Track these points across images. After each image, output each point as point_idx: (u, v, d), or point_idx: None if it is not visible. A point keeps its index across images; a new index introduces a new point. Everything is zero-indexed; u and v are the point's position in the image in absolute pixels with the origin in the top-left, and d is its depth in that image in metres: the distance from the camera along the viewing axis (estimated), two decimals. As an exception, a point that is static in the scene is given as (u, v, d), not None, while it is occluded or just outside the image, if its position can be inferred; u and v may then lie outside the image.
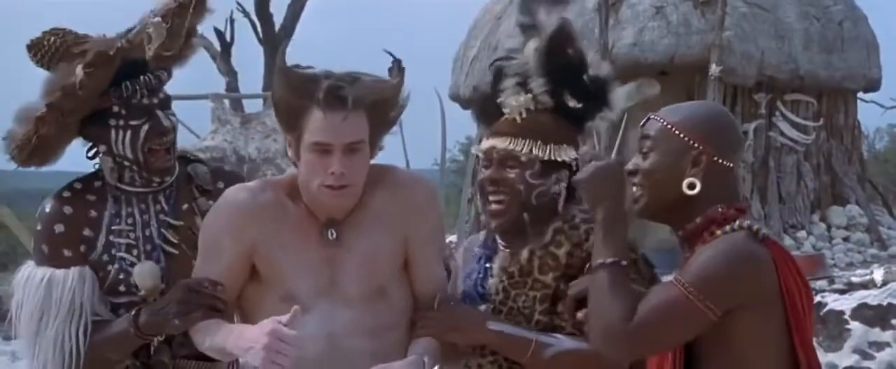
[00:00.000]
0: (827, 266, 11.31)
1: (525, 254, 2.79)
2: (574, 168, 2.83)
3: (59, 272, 2.94)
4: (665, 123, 2.52)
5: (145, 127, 2.96)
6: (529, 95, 2.83)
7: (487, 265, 2.88)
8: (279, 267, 2.73)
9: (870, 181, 14.48)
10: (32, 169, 3.10)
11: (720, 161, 2.49)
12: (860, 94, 14.05)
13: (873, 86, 13.85)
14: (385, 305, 2.81)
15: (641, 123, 2.58)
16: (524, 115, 2.82)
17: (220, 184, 3.06)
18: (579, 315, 2.63)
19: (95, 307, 2.94)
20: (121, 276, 2.95)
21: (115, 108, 2.95)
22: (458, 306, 2.85)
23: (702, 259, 2.42)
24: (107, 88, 2.93)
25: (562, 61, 2.82)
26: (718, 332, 2.43)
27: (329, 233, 2.78)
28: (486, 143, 2.85)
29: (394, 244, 2.83)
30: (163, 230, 3.00)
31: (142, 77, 2.95)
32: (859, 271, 11.02)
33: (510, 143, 2.81)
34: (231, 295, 2.77)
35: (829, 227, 13.20)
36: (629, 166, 2.57)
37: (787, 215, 13.08)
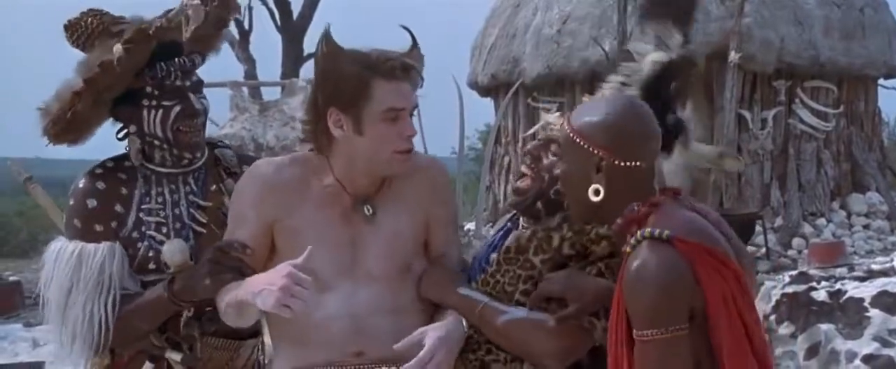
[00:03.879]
0: (846, 253, 11.27)
1: (527, 233, 2.80)
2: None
3: (90, 246, 2.98)
4: (568, 130, 2.52)
5: (177, 108, 3.02)
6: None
7: (502, 241, 2.89)
8: (301, 243, 2.73)
9: (890, 168, 14.42)
10: (62, 156, 3.15)
11: (622, 163, 2.46)
12: (881, 81, 14.00)
13: (894, 72, 13.78)
14: (409, 283, 2.84)
15: (558, 124, 2.61)
16: None
17: (245, 168, 3.08)
18: (551, 322, 2.66)
19: (125, 281, 2.98)
20: (150, 254, 2.99)
21: (149, 89, 3.01)
22: (439, 267, 2.87)
23: (633, 299, 2.37)
24: (141, 69, 2.99)
25: (663, 89, 2.80)
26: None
27: (366, 209, 2.82)
28: (551, 117, 2.87)
29: (416, 223, 2.87)
30: (192, 210, 3.05)
31: (176, 59, 3.01)
32: (879, 258, 10.95)
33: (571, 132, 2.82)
34: (256, 266, 2.79)
35: (849, 215, 13.16)
36: (556, 174, 2.63)
37: (807, 203, 13.04)
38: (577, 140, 2.49)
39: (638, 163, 2.48)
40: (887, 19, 13.76)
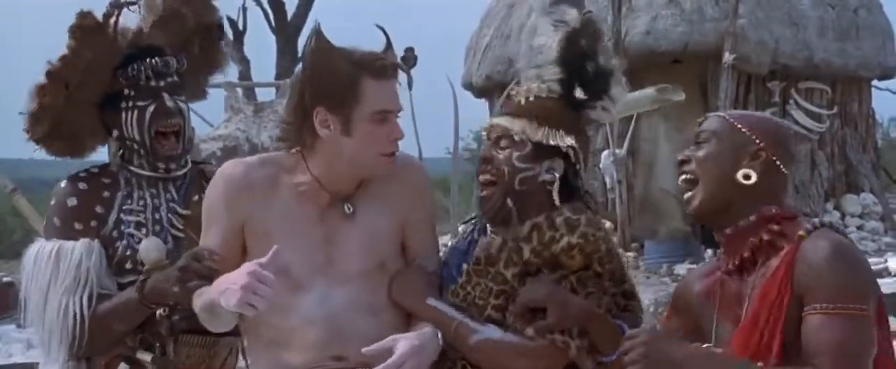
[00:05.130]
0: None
1: (497, 242, 2.77)
2: (572, 158, 2.81)
3: (68, 243, 3.00)
4: (728, 119, 2.55)
5: (151, 108, 3.02)
6: (539, 82, 2.84)
7: (471, 249, 2.86)
8: (272, 242, 2.72)
9: (884, 169, 14.44)
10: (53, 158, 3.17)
11: (778, 163, 2.51)
12: (875, 82, 14.01)
13: (888, 74, 13.80)
14: (384, 280, 2.81)
15: (700, 120, 2.60)
16: (531, 99, 2.83)
17: None
18: (529, 331, 2.65)
19: (102, 280, 2.98)
20: (128, 253, 3.01)
21: (126, 91, 3.01)
22: (413, 273, 2.85)
23: (826, 274, 2.36)
24: (116, 70, 3.00)
25: (575, 52, 2.83)
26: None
27: (346, 207, 2.80)
28: (488, 123, 2.87)
29: (394, 223, 2.85)
30: (171, 216, 3.07)
31: (149, 59, 3.01)
32: (873, 259, 10.98)
33: (507, 122, 2.82)
34: (227, 268, 2.75)
35: (843, 216, 13.17)
36: (681, 156, 2.58)
37: (801, 203, 13.04)
38: (741, 127, 2.53)
39: (785, 170, 2.53)
40: (881, 21, 13.77)
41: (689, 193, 2.54)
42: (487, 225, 2.86)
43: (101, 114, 3.06)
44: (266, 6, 23.77)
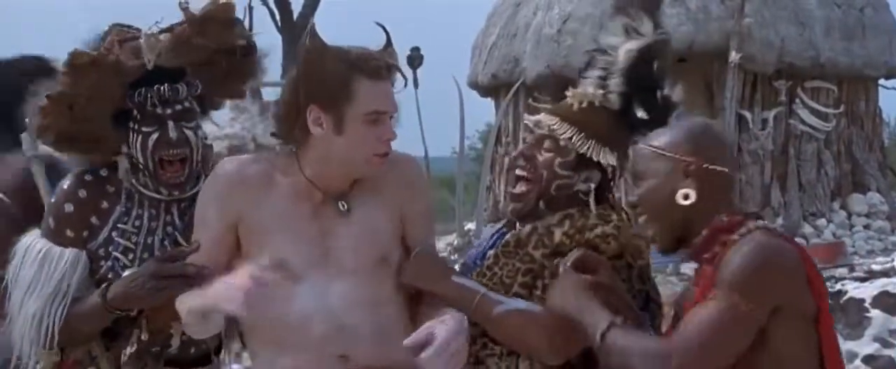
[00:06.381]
0: (847, 253, 11.28)
1: (527, 229, 2.77)
2: (609, 174, 2.80)
3: (57, 249, 2.96)
4: (648, 147, 2.54)
5: (154, 135, 2.96)
6: (601, 91, 2.80)
7: (498, 240, 2.86)
8: (268, 237, 2.72)
9: (891, 168, 14.42)
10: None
11: (711, 167, 2.49)
12: (881, 81, 13.99)
13: (894, 73, 13.78)
14: (386, 275, 2.80)
15: (629, 161, 2.61)
16: (584, 105, 2.80)
17: None
18: (568, 260, 2.63)
19: (82, 292, 2.95)
20: (110, 275, 2.96)
21: (134, 112, 2.97)
22: (428, 255, 2.84)
23: (733, 264, 2.40)
24: (129, 89, 2.96)
25: (646, 72, 2.80)
26: (757, 337, 2.41)
27: (340, 205, 2.78)
28: (537, 117, 2.84)
29: (392, 217, 2.84)
30: (166, 242, 3.00)
31: (157, 86, 2.96)
32: (880, 258, 10.97)
33: (556, 124, 2.79)
34: (218, 267, 2.74)
35: (849, 215, 13.15)
36: (629, 202, 2.60)
37: (808, 203, 13.04)
38: (662, 152, 2.51)
39: (724, 170, 2.51)
40: (888, 19, 13.76)
41: (650, 233, 2.57)
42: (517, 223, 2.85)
43: (114, 127, 3.00)
44: (272, 6, 23.79)
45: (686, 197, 2.47)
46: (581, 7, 13.35)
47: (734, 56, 11.82)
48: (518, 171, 2.81)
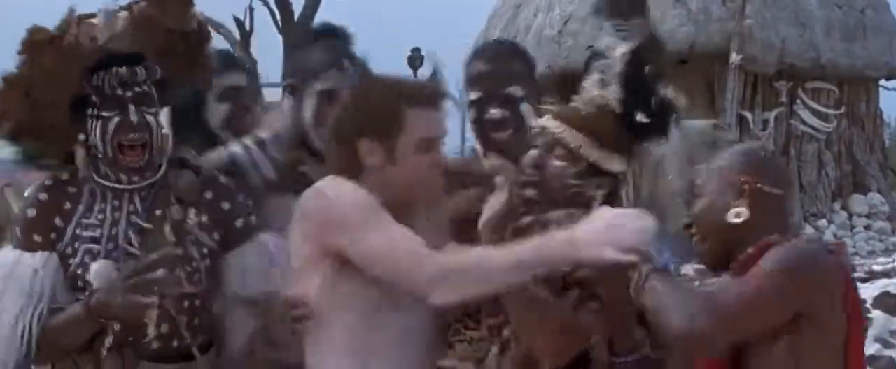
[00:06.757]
0: (848, 254, 11.27)
1: (528, 220, 2.72)
2: (620, 178, 2.78)
3: (26, 255, 2.94)
4: (708, 167, 2.61)
5: (115, 120, 2.92)
6: (603, 93, 2.76)
7: None
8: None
9: (892, 169, 14.42)
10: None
11: (765, 188, 2.53)
12: (882, 82, 13.99)
13: (895, 74, 13.78)
14: None
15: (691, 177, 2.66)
16: (592, 111, 2.76)
17: (209, 195, 3.02)
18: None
19: (58, 295, 2.93)
20: (79, 271, 2.93)
21: (93, 98, 2.94)
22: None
23: (766, 260, 2.43)
24: (87, 74, 2.92)
25: (639, 78, 2.75)
26: (775, 345, 2.43)
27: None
28: (542, 122, 2.80)
29: (441, 234, 2.81)
30: (130, 232, 2.96)
31: (115, 68, 2.92)
32: (881, 259, 10.98)
33: (566, 132, 2.75)
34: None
35: (850, 216, 13.15)
36: (686, 221, 2.65)
37: (808, 204, 13.04)
38: (721, 172, 2.57)
39: (778, 192, 2.56)
40: (888, 20, 13.76)
41: (697, 244, 2.62)
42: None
43: (71, 117, 2.96)
44: (272, 6, 23.81)
45: (738, 215, 2.51)
46: (582, 8, 13.34)
47: (735, 57, 11.82)
48: (526, 178, 2.78)
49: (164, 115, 2.99)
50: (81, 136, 2.96)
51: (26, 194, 3.03)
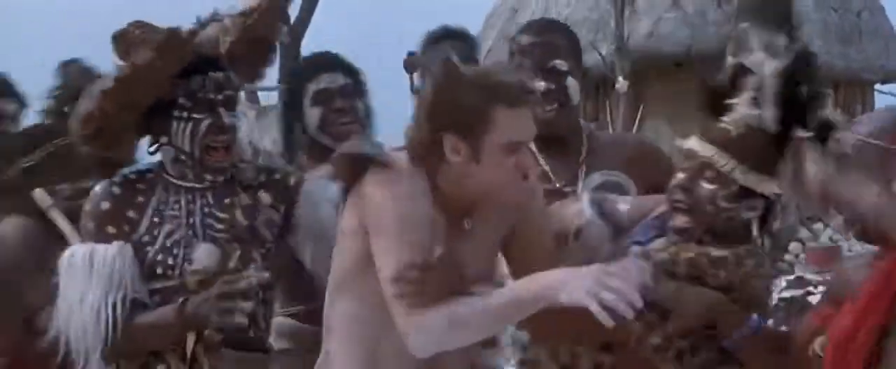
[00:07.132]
0: (843, 258, 11.24)
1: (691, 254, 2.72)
2: (772, 199, 2.74)
3: (101, 246, 3.01)
4: (860, 136, 2.48)
5: (206, 121, 3.02)
6: (757, 111, 2.71)
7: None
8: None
9: (887, 173, 14.41)
10: None
11: None
12: (878, 86, 13.99)
13: (891, 77, 13.79)
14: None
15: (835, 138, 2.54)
16: (743, 131, 2.72)
17: (263, 178, 3.14)
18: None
19: (135, 283, 2.99)
20: (158, 258, 3.01)
21: (181, 100, 3.02)
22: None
23: None
24: (175, 78, 3.01)
25: (796, 99, 2.70)
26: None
27: (466, 223, 2.75)
28: (690, 144, 2.75)
29: (498, 233, 2.81)
30: (209, 220, 3.06)
31: (211, 73, 3.02)
32: (876, 263, 10.95)
33: (715, 155, 2.72)
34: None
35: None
36: (843, 223, 2.58)
37: (805, 206, 13.03)
38: (878, 142, 2.43)
39: None
40: (884, 24, 13.76)
41: (851, 225, 2.52)
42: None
43: (147, 119, 3.06)
44: (269, 9, 23.75)
45: None
46: (578, 11, 13.35)
47: (731, 60, 11.81)
48: (675, 204, 2.73)
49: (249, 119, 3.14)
50: (163, 138, 3.05)
51: (96, 191, 3.08)
